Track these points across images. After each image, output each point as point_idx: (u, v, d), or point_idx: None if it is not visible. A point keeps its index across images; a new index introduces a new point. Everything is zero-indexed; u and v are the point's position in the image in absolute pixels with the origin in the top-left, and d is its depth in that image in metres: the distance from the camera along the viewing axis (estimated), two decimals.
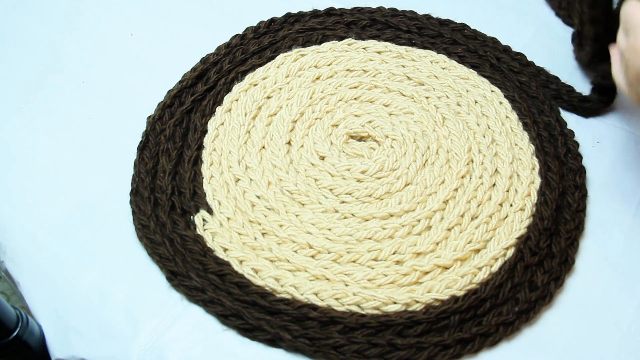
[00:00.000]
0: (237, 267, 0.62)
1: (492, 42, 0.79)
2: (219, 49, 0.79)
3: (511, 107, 0.73)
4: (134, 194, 0.67)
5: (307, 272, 0.62)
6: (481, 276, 0.62)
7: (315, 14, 0.82)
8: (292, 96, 0.74)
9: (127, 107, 0.75)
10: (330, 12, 0.82)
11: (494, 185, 0.67)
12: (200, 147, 0.70)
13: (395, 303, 0.60)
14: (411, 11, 0.82)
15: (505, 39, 0.80)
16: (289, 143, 0.71)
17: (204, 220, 0.65)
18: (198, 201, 0.67)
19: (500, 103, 0.73)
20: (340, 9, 0.82)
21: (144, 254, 0.64)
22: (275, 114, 0.73)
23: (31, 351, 0.65)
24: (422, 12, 0.82)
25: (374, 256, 0.63)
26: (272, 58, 0.77)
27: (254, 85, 0.75)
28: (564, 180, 0.68)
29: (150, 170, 0.68)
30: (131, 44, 0.81)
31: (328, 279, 0.62)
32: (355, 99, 0.74)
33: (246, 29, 0.81)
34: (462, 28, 0.81)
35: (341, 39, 0.79)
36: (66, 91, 0.77)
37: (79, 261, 0.64)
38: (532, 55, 0.78)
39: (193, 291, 0.61)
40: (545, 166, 0.68)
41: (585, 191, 0.68)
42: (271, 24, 0.81)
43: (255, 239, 0.64)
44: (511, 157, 0.69)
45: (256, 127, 0.72)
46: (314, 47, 0.78)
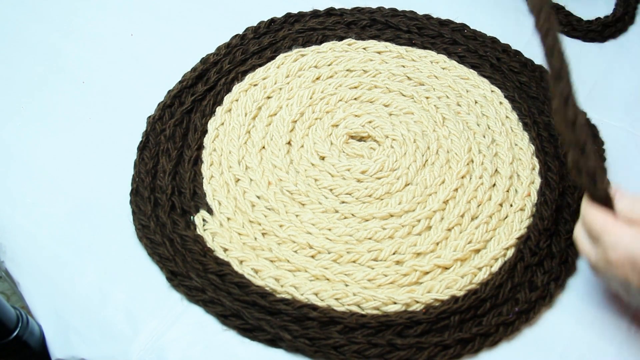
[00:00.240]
0: (237, 267, 0.62)
1: (492, 42, 0.79)
2: (219, 49, 0.79)
3: (511, 107, 0.73)
4: (134, 194, 0.67)
5: (307, 272, 0.62)
6: (481, 276, 0.62)
7: (315, 14, 0.82)
8: (292, 96, 0.74)
9: (127, 107, 0.75)
10: (330, 12, 0.82)
11: (494, 185, 0.67)
12: (200, 147, 0.70)
13: (395, 303, 0.60)
14: (411, 11, 0.82)
15: (505, 39, 0.80)
16: (289, 143, 0.71)
17: (204, 221, 0.65)
18: (198, 201, 0.67)
19: (501, 103, 0.73)
20: (340, 9, 0.82)
21: (144, 254, 0.64)
22: (276, 114, 0.73)
23: (31, 351, 0.65)
24: (422, 12, 0.82)
25: (374, 256, 0.63)
26: (272, 58, 0.77)
27: (254, 85, 0.75)
28: (564, 181, 0.68)
29: (150, 170, 0.68)
30: (131, 44, 0.81)
31: (328, 279, 0.62)
32: (355, 99, 0.74)
33: (246, 29, 0.81)
34: (462, 28, 0.81)
35: (341, 39, 0.79)
36: (66, 91, 0.77)
37: (79, 261, 0.64)
38: (532, 55, 0.78)
39: (193, 291, 0.61)
40: (546, 166, 0.68)
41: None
42: (271, 24, 0.81)
43: (256, 239, 0.64)
44: (511, 157, 0.69)
45: (256, 127, 0.72)
46: (314, 47, 0.78)
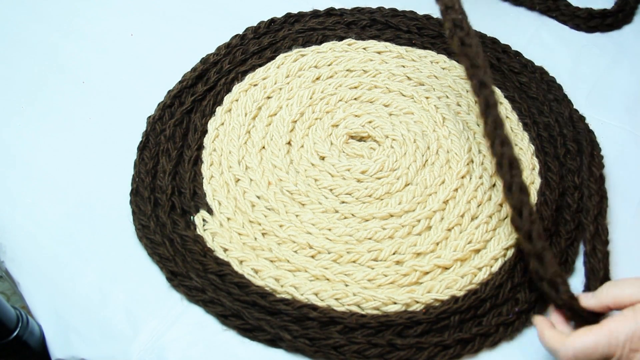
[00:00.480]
0: (237, 267, 0.62)
1: (492, 43, 0.79)
2: (219, 49, 0.79)
3: (511, 108, 0.73)
4: (134, 194, 0.67)
5: (307, 273, 0.62)
6: (481, 276, 0.62)
7: (315, 14, 0.82)
8: (292, 96, 0.74)
9: (127, 107, 0.75)
10: (330, 12, 0.82)
11: (494, 185, 0.67)
12: (200, 147, 0.70)
13: (395, 303, 0.60)
14: (411, 11, 0.82)
15: (505, 40, 0.80)
16: (289, 143, 0.71)
17: (204, 221, 0.65)
18: (198, 201, 0.67)
19: (501, 103, 0.73)
20: (340, 9, 0.82)
21: (144, 254, 0.64)
22: (276, 114, 0.73)
23: (31, 351, 0.65)
24: (422, 12, 0.82)
25: (374, 256, 0.63)
26: (272, 58, 0.77)
27: (254, 85, 0.75)
28: (563, 181, 0.68)
29: (151, 170, 0.68)
30: (131, 44, 0.81)
31: (328, 279, 0.62)
32: (355, 99, 0.74)
33: (246, 29, 0.81)
34: None
35: (341, 39, 0.79)
36: (66, 91, 0.77)
37: (79, 261, 0.64)
38: (532, 55, 0.78)
39: (193, 291, 0.61)
40: (545, 166, 0.68)
41: (584, 192, 0.68)
42: (271, 24, 0.81)
43: (255, 239, 0.64)
44: None
45: (256, 127, 0.72)
46: (314, 47, 0.78)
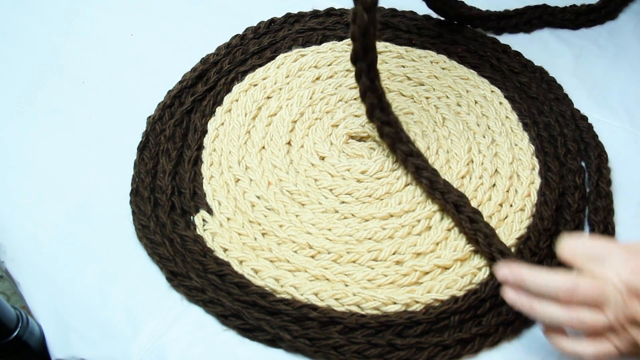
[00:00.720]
0: (237, 268, 0.62)
1: (492, 43, 0.79)
2: (219, 49, 0.79)
3: (511, 108, 0.73)
4: (134, 194, 0.67)
5: (307, 273, 0.62)
6: (481, 276, 0.62)
7: (315, 14, 0.82)
8: (292, 96, 0.74)
9: (127, 107, 0.75)
10: (330, 12, 0.82)
11: (494, 185, 0.67)
12: (200, 148, 0.70)
13: (395, 303, 0.60)
14: (411, 11, 0.82)
15: (505, 40, 0.80)
16: (289, 143, 0.71)
17: (204, 221, 0.65)
18: (198, 201, 0.67)
19: (500, 103, 0.73)
20: (340, 9, 0.82)
21: (144, 254, 0.64)
22: (275, 114, 0.73)
23: (31, 351, 0.65)
24: (421, 12, 0.82)
25: (373, 256, 0.63)
26: (272, 58, 0.77)
27: (254, 85, 0.75)
28: (564, 181, 0.68)
29: (150, 170, 0.68)
30: (131, 44, 0.81)
31: (328, 279, 0.62)
32: (355, 99, 0.74)
33: (246, 29, 0.81)
34: (461, 28, 0.81)
35: (341, 39, 0.79)
36: (66, 91, 0.77)
37: (79, 261, 0.64)
38: (532, 56, 0.78)
39: (193, 291, 0.61)
40: (545, 166, 0.68)
41: (585, 191, 0.68)
42: (271, 24, 0.81)
43: (255, 239, 0.64)
44: (511, 158, 0.69)
45: (256, 127, 0.72)
46: (314, 48, 0.78)
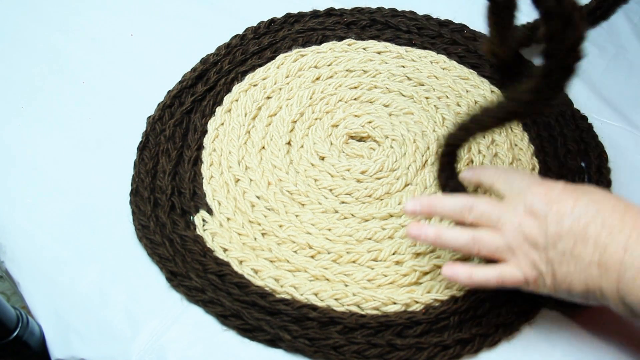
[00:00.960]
0: (236, 268, 0.62)
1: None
2: (219, 49, 0.79)
3: None
4: (134, 194, 0.67)
5: (307, 273, 0.62)
6: None
7: (315, 14, 0.82)
8: (292, 96, 0.74)
9: (127, 107, 0.75)
10: (330, 12, 0.82)
11: None
12: (200, 148, 0.71)
13: (395, 303, 0.60)
14: (411, 11, 0.82)
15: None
16: (288, 143, 0.71)
17: (203, 221, 0.65)
18: (198, 201, 0.67)
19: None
20: (340, 9, 0.82)
21: (143, 254, 0.64)
22: (275, 114, 0.73)
23: (31, 351, 0.65)
24: (422, 12, 0.82)
25: (373, 256, 0.63)
26: (272, 58, 0.77)
27: (254, 85, 0.75)
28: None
29: (150, 170, 0.68)
30: (131, 44, 0.81)
31: (328, 280, 0.62)
32: (355, 99, 0.74)
33: (246, 29, 0.81)
34: (461, 28, 0.81)
35: (341, 39, 0.79)
36: (66, 91, 0.77)
37: (79, 261, 0.64)
38: (532, 56, 0.78)
39: (193, 291, 0.61)
40: (545, 167, 0.68)
41: None
42: (271, 24, 0.81)
43: (255, 239, 0.64)
44: (511, 158, 0.69)
45: (256, 127, 0.72)
46: (313, 48, 0.78)
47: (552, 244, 0.51)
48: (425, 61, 0.77)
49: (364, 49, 0.78)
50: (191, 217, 0.66)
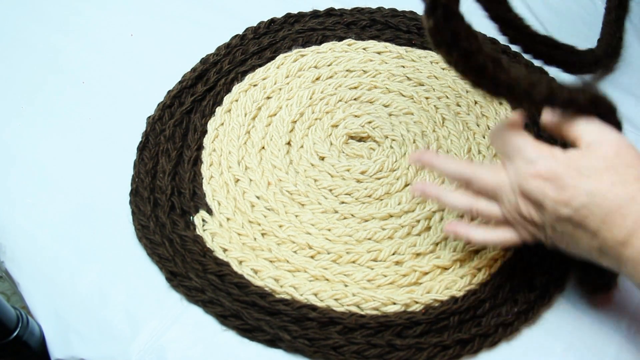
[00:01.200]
0: (236, 268, 0.62)
1: (491, 43, 0.79)
2: (218, 49, 0.79)
3: (511, 108, 0.73)
4: (133, 195, 0.67)
5: (307, 273, 0.62)
6: (480, 277, 0.62)
7: (315, 14, 0.82)
8: (292, 97, 0.74)
9: (127, 107, 0.75)
10: (330, 12, 0.82)
11: None
12: (200, 148, 0.71)
13: (395, 304, 0.60)
14: (411, 11, 0.82)
15: (504, 40, 0.80)
16: (288, 143, 0.71)
17: (203, 221, 0.65)
18: (198, 201, 0.67)
19: (501, 104, 0.73)
20: (340, 9, 0.82)
21: (143, 254, 0.64)
22: (275, 114, 0.73)
23: (31, 351, 0.65)
24: (422, 12, 0.82)
25: (373, 257, 0.63)
26: (272, 58, 0.77)
27: (254, 85, 0.75)
28: None
29: (150, 170, 0.68)
30: (131, 44, 0.81)
31: (327, 280, 0.62)
32: (355, 99, 0.74)
33: (246, 29, 0.81)
34: None
35: (341, 39, 0.79)
36: (66, 91, 0.77)
37: (79, 261, 0.64)
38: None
39: (192, 291, 0.61)
40: None
41: None
42: (271, 24, 0.81)
43: (255, 239, 0.64)
44: None
45: (256, 127, 0.72)
46: (313, 48, 0.78)
47: (550, 225, 0.52)
48: (425, 61, 0.77)
49: (364, 49, 0.78)
50: (191, 217, 0.66)
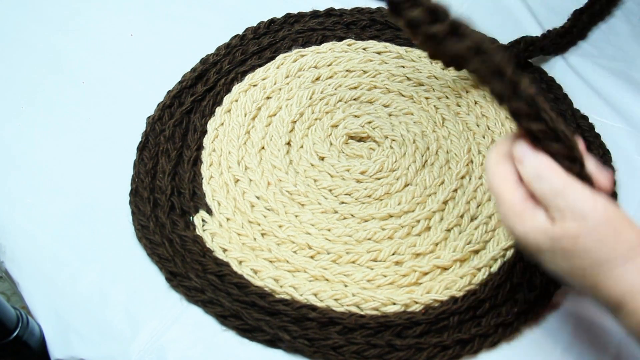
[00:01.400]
0: (236, 268, 0.62)
1: (490, 43, 0.79)
2: (218, 49, 0.79)
3: None
4: (133, 195, 0.67)
5: (307, 273, 0.62)
6: (480, 277, 0.62)
7: (315, 14, 0.82)
8: (292, 97, 0.74)
9: (127, 107, 0.75)
10: (330, 12, 0.82)
11: None
12: (200, 148, 0.71)
13: (395, 304, 0.60)
14: None
15: (504, 40, 0.80)
16: (288, 144, 0.71)
17: (203, 221, 0.65)
18: (197, 202, 0.67)
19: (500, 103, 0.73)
20: (340, 9, 0.82)
21: (143, 254, 0.64)
22: (275, 114, 0.73)
23: (31, 351, 0.65)
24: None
25: (373, 257, 0.63)
26: (272, 58, 0.77)
27: (254, 85, 0.75)
28: None
29: (150, 170, 0.68)
30: (131, 44, 0.81)
31: (327, 280, 0.62)
32: (354, 99, 0.74)
33: (246, 29, 0.81)
34: None
35: (341, 39, 0.79)
36: (66, 91, 0.77)
37: (78, 261, 0.64)
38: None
39: (192, 292, 0.61)
40: None
41: None
42: (271, 24, 0.81)
43: (255, 239, 0.64)
44: None
45: (256, 127, 0.72)
46: (313, 48, 0.78)
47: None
48: (425, 61, 0.77)
49: (363, 49, 0.78)
50: (191, 218, 0.66)
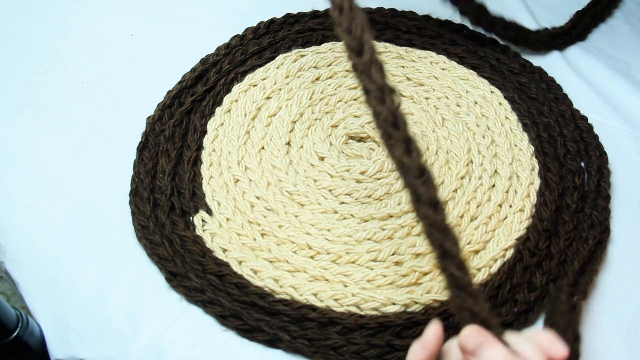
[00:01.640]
0: (236, 268, 0.62)
1: (491, 43, 0.79)
2: (218, 49, 0.79)
3: (511, 108, 0.73)
4: (133, 195, 0.67)
5: (306, 273, 0.62)
6: (480, 277, 0.62)
7: (314, 14, 0.82)
8: (292, 97, 0.74)
9: (127, 107, 0.75)
10: (329, 12, 0.82)
11: (494, 186, 0.67)
12: (200, 148, 0.71)
13: (394, 304, 0.60)
14: (411, 12, 0.82)
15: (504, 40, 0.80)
16: (288, 144, 0.71)
17: (203, 221, 0.65)
18: (197, 202, 0.67)
19: (500, 104, 0.73)
20: None
21: (143, 254, 0.64)
22: (275, 114, 0.73)
23: (31, 351, 0.65)
24: (421, 12, 0.82)
25: (373, 257, 0.63)
26: (272, 59, 0.77)
27: (254, 85, 0.75)
28: (563, 182, 0.68)
29: (150, 170, 0.68)
30: (131, 44, 0.81)
31: (327, 280, 0.62)
32: (354, 99, 0.74)
33: (246, 29, 0.81)
34: (461, 29, 0.81)
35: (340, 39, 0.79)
36: (66, 91, 0.77)
37: (78, 262, 0.64)
38: (531, 56, 0.78)
39: (192, 292, 0.61)
40: (545, 167, 0.68)
41: (585, 192, 0.68)
42: (271, 24, 0.81)
43: (255, 239, 0.64)
44: (511, 158, 0.69)
45: (256, 127, 0.72)
46: (313, 48, 0.78)
47: None
48: (425, 62, 0.77)
49: None
50: (190, 218, 0.66)
